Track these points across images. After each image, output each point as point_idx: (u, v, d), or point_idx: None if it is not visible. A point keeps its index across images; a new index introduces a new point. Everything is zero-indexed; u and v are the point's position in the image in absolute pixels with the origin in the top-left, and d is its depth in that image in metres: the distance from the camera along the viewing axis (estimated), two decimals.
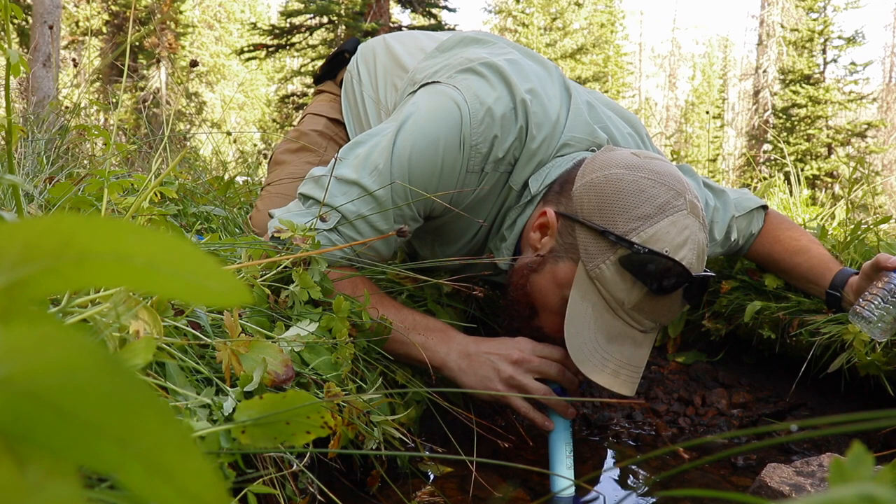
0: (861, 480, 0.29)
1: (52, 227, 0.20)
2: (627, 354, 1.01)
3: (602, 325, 1.00)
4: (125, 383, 0.18)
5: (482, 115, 1.08)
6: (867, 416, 0.33)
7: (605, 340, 1.00)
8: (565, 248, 1.04)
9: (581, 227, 1.01)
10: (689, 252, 0.97)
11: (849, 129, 15.68)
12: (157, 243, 0.20)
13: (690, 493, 1.05)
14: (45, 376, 0.18)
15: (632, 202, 0.98)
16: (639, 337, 1.01)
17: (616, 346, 1.00)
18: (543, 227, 1.08)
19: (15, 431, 0.18)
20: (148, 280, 0.20)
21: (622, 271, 0.97)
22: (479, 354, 1.09)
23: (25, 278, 0.19)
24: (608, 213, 0.99)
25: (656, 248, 0.96)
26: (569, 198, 1.05)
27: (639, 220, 0.97)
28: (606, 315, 1.00)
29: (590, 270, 1.00)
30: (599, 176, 1.03)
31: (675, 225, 0.97)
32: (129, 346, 0.56)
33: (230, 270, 0.83)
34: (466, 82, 1.12)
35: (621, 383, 1.00)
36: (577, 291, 1.01)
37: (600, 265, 0.99)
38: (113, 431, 0.18)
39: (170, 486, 0.18)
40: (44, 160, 1.74)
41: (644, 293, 0.98)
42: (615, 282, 0.98)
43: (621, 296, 0.98)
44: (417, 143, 1.07)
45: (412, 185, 1.08)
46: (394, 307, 1.11)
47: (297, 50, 11.73)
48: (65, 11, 12.46)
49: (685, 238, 0.97)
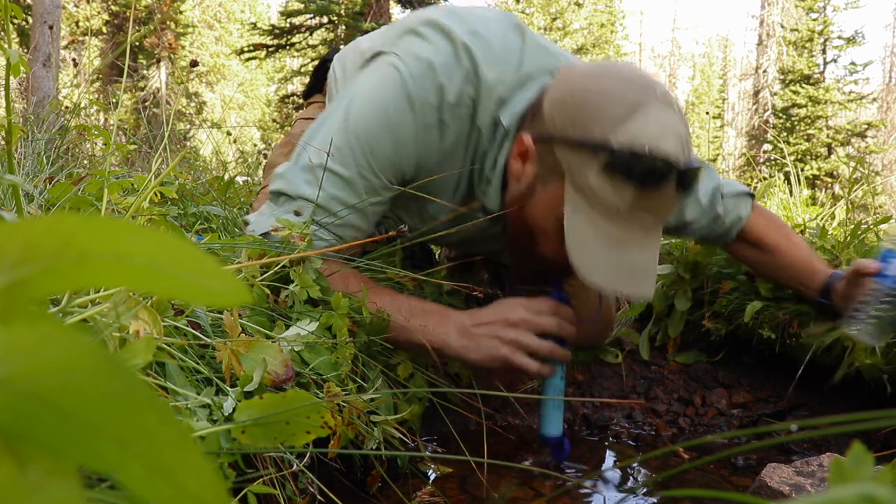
0: (861, 480, 0.29)
1: (52, 227, 0.20)
2: (635, 258, 0.99)
3: (603, 235, 0.98)
4: (125, 383, 0.18)
5: (423, 69, 1.09)
6: (867, 416, 0.33)
7: (609, 249, 0.99)
8: (549, 170, 1.03)
9: (558, 143, 1.00)
10: (671, 142, 0.95)
11: (849, 129, 15.68)
12: (157, 243, 0.20)
13: (690, 493, 1.05)
14: (45, 376, 0.18)
15: (602, 106, 0.97)
16: (642, 239, 1.00)
17: (622, 252, 0.99)
18: (524, 155, 1.07)
19: (15, 431, 0.18)
20: (148, 280, 0.20)
21: (608, 176, 0.96)
22: (478, 327, 1.10)
23: (25, 278, 0.19)
24: (581, 123, 0.98)
25: (636, 145, 0.94)
26: (541, 120, 1.04)
27: (613, 123, 0.95)
28: (604, 223, 0.98)
29: (577, 183, 0.98)
30: (565, 90, 1.02)
31: (651, 119, 0.95)
32: (129, 346, 0.56)
33: (230, 270, 0.83)
34: (404, 45, 1.14)
35: (636, 286, 0.99)
36: (569, 208, 0.99)
37: (586, 175, 0.97)
38: (113, 431, 0.18)
39: (170, 486, 0.18)
40: (44, 160, 1.74)
41: (636, 193, 0.96)
42: (604, 189, 0.96)
43: (614, 201, 0.97)
44: (368, 114, 1.09)
45: (374, 156, 1.09)
46: (388, 295, 1.12)
47: (297, 50, 11.73)
48: (65, 11, 12.46)
49: (664, 130, 0.95)
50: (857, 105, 16.37)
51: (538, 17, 21.89)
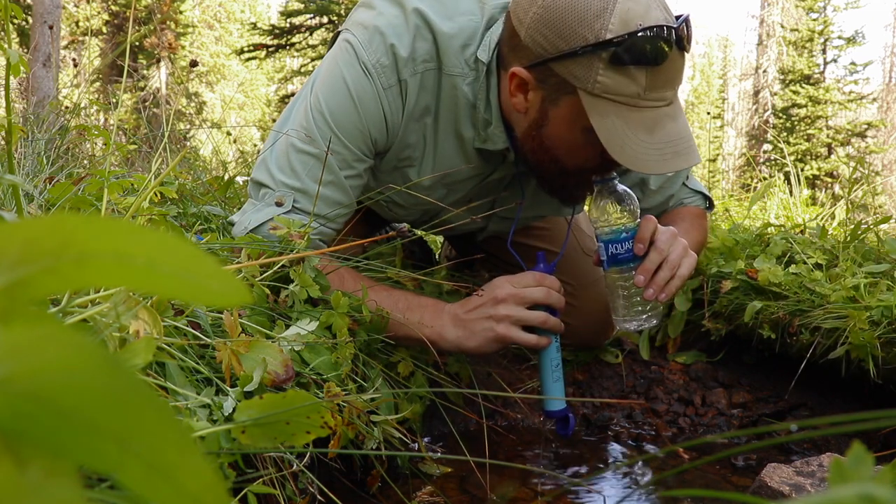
0: (861, 480, 0.29)
1: (52, 227, 0.20)
2: (672, 131, 1.01)
3: (636, 125, 0.99)
4: (125, 383, 0.18)
5: (370, 35, 1.11)
6: (867, 416, 0.33)
7: (648, 135, 1.00)
8: (556, 89, 1.03)
9: (555, 61, 1.01)
10: (657, 11, 0.97)
11: (849, 129, 15.67)
12: (157, 243, 0.20)
13: (690, 493, 1.05)
14: (45, 376, 0.18)
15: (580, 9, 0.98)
16: (670, 111, 1.02)
17: (659, 133, 1.00)
18: (521, 86, 1.07)
19: (15, 431, 0.18)
20: (148, 280, 0.20)
21: (619, 69, 0.97)
22: (470, 312, 1.12)
23: (25, 278, 0.19)
24: (569, 33, 0.98)
25: (631, 29, 0.95)
26: (524, 48, 1.04)
27: (598, 19, 0.96)
28: (633, 114, 0.99)
29: (591, 90, 0.99)
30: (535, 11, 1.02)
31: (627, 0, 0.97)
32: (129, 346, 0.56)
33: (230, 270, 0.83)
34: (355, 18, 1.17)
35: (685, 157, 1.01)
36: (594, 115, 1.00)
37: (596, 78, 0.98)
38: (113, 431, 0.18)
39: (170, 486, 0.18)
40: (44, 160, 1.74)
41: (648, 73, 0.97)
42: (619, 82, 0.97)
43: (633, 89, 0.98)
44: (329, 89, 1.13)
45: (341, 129, 1.12)
46: (384, 291, 1.13)
47: (297, 50, 11.73)
48: (65, 11, 12.46)
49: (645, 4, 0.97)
50: (857, 105, 16.37)
51: None
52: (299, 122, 1.15)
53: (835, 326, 1.26)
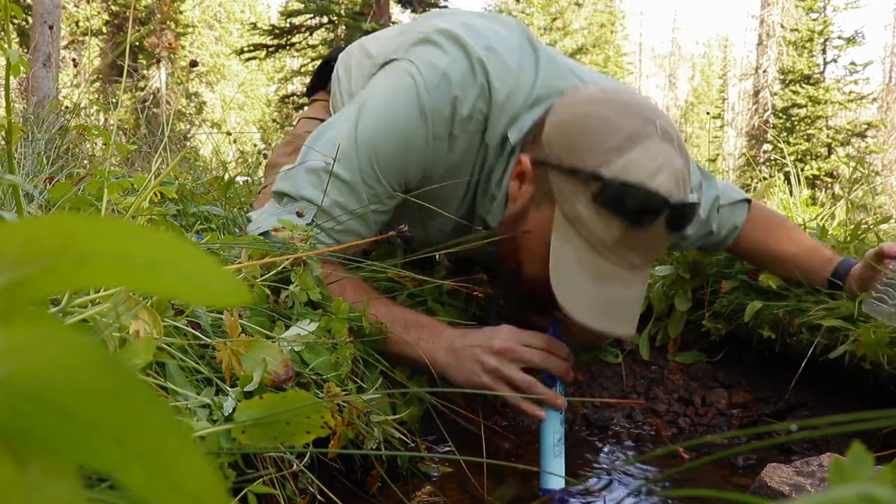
0: (861, 480, 0.29)
1: (52, 227, 0.20)
2: (619, 294, 0.97)
3: (588, 267, 0.96)
4: (125, 383, 0.18)
5: (437, 80, 1.07)
6: (867, 416, 0.33)
7: (592, 282, 0.96)
8: (543, 194, 1.02)
9: (553, 169, 0.99)
10: (666, 178, 0.93)
11: (849, 129, 15.67)
12: (157, 243, 0.20)
13: (690, 493, 1.04)
14: (45, 376, 0.18)
15: (599, 136, 0.95)
16: (628, 276, 0.98)
17: (606, 287, 0.97)
18: (521, 176, 1.06)
19: (15, 431, 0.18)
20: (148, 280, 0.20)
21: (598, 208, 0.94)
22: (464, 348, 1.08)
23: (25, 278, 0.19)
24: (577, 151, 0.97)
25: (629, 178, 0.92)
26: (539, 142, 1.03)
27: (608, 153, 0.94)
28: (590, 256, 0.96)
29: (566, 212, 0.97)
30: (565, 115, 1.01)
31: (647, 153, 0.93)
32: (129, 346, 0.56)
33: (230, 270, 0.83)
34: (419, 53, 1.12)
35: (616, 323, 0.97)
36: (557, 235, 0.98)
37: (575, 205, 0.96)
38: (113, 431, 0.18)
39: (170, 486, 0.18)
40: (44, 160, 1.74)
41: (624, 228, 0.94)
42: (592, 220, 0.95)
43: (601, 234, 0.95)
44: (378, 120, 1.08)
45: (380, 163, 1.08)
46: (384, 306, 1.11)
47: (297, 50, 11.73)
48: (65, 11, 12.46)
49: (659, 165, 0.93)
50: (857, 105, 16.37)
51: (538, 17, 21.89)
52: (340, 144, 1.09)
53: (836, 326, 1.25)
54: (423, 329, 1.10)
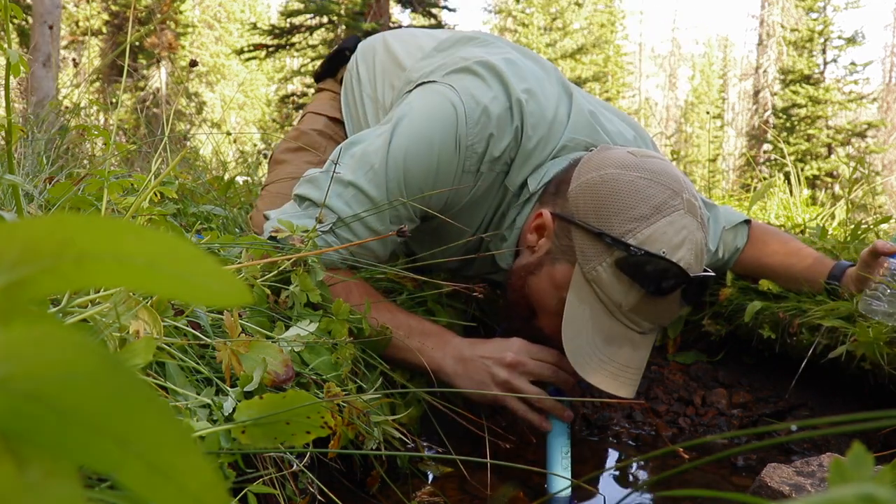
0: (861, 480, 0.29)
1: (52, 227, 0.20)
2: (626, 356, 1.00)
3: (600, 328, 0.99)
4: (125, 383, 0.18)
5: (478, 115, 1.07)
6: (867, 416, 0.33)
7: (603, 343, 0.99)
8: (562, 250, 1.03)
9: (577, 228, 1.01)
10: (687, 252, 0.96)
11: (849, 129, 15.67)
12: (157, 243, 0.20)
13: (690, 493, 1.04)
14: (45, 376, 0.18)
15: (628, 203, 0.97)
16: (637, 339, 1.01)
17: (614, 348, 1.00)
18: (540, 229, 1.07)
19: (15, 431, 0.18)
20: (148, 280, 0.20)
21: (619, 273, 0.96)
22: (474, 359, 1.08)
23: (25, 278, 0.19)
24: (604, 215, 0.98)
25: (653, 249, 0.94)
26: (564, 198, 1.04)
27: (635, 222, 0.96)
28: (604, 317, 0.99)
29: (586, 273, 0.99)
30: (595, 176, 1.02)
31: (673, 225, 0.96)
32: (129, 346, 0.56)
33: (230, 270, 0.83)
34: (462, 82, 1.11)
35: (620, 385, 1.00)
36: (574, 294, 1.00)
37: (597, 267, 0.98)
38: (113, 431, 0.18)
39: (170, 486, 0.18)
40: (44, 160, 1.73)
41: (642, 295, 0.97)
42: (612, 284, 0.97)
43: (618, 298, 0.97)
44: (413, 142, 1.06)
45: (408, 186, 1.07)
46: (389, 312, 1.10)
47: (297, 50, 11.73)
48: (65, 11, 12.46)
49: (682, 238, 0.96)
50: (857, 105, 16.37)
51: (538, 17, 21.89)
52: (371, 158, 1.08)
53: (835, 325, 1.25)
54: (429, 336, 1.10)
